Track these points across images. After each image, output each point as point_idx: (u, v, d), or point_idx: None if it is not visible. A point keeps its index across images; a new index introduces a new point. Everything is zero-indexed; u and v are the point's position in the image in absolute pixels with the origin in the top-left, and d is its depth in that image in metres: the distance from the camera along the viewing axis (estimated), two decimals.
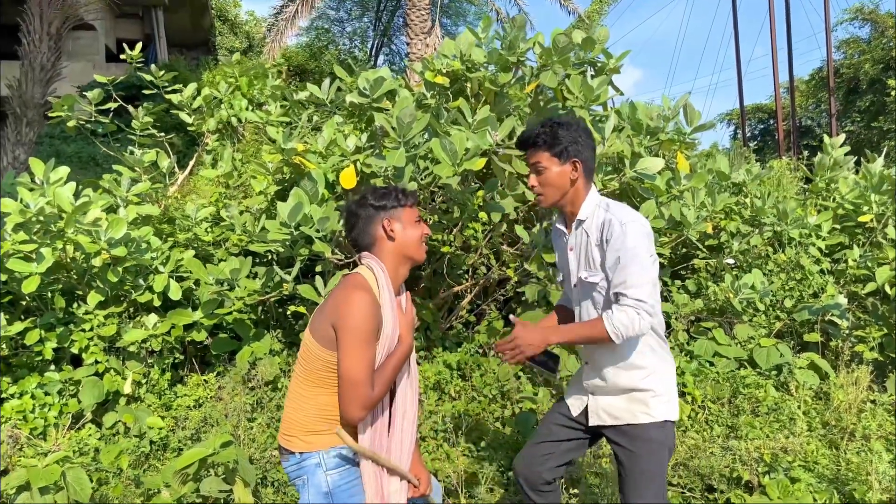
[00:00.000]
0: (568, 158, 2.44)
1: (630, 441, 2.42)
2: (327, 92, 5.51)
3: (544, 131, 2.45)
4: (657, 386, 2.43)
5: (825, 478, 3.55)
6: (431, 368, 4.87)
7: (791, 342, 5.17)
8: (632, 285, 2.25)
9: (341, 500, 2.20)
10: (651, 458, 2.39)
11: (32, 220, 4.09)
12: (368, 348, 2.15)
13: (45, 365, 4.29)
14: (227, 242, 5.31)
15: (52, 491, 3.14)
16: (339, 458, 2.22)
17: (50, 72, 10.23)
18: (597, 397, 2.54)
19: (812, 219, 5.89)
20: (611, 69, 5.24)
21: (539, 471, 2.61)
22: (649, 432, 2.40)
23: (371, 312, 2.15)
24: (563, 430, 2.65)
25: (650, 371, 2.44)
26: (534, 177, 2.51)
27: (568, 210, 2.52)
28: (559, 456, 2.63)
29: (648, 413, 2.41)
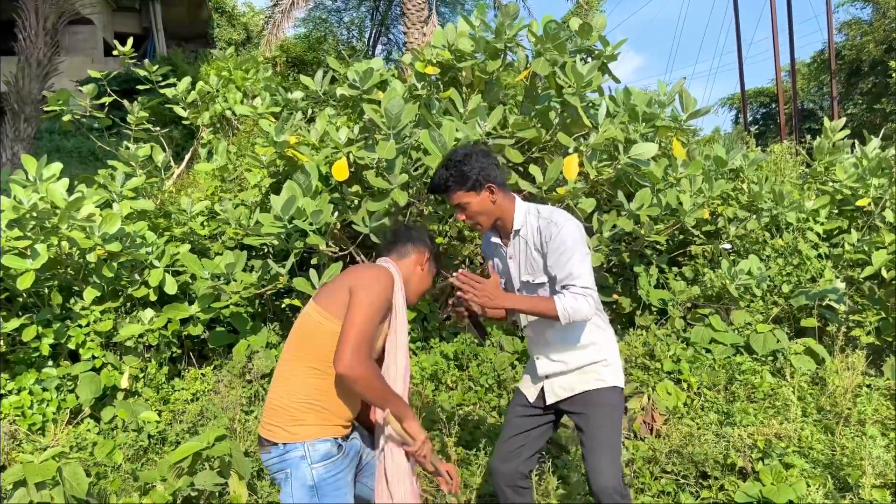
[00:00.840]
0: (482, 187, 2.56)
1: (586, 406, 2.63)
2: (320, 84, 5.49)
3: (450, 174, 2.56)
4: (607, 356, 2.69)
5: (820, 463, 3.55)
6: (428, 359, 4.88)
7: (788, 328, 5.17)
8: (577, 276, 2.48)
9: (326, 493, 2.18)
10: (606, 419, 2.60)
11: (27, 217, 4.09)
12: (377, 315, 2.21)
13: (42, 361, 4.31)
14: (223, 236, 5.31)
15: (49, 486, 3.16)
16: (324, 452, 2.18)
17: (47, 67, 10.23)
18: (552, 379, 2.74)
19: (809, 203, 5.87)
20: (608, 56, 5.21)
21: (515, 465, 2.74)
22: (603, 396, 2.63)
23: (389, 292, 2.27)
24: (527, 420, 2.80)
25: (600, 346, 2.69)
26: (460, 214, 2.64)
27: (500, 224, 2.69)
28: (530, 446, 2.78)
29: (601, 380, 2.65)
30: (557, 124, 4.93)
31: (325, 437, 2.19)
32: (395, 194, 4.05)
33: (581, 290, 2.45)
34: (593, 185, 5.34)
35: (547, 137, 5.01)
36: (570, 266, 2.48)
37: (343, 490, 2.22)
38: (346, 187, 4.74)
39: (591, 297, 2.46)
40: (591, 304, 2.45)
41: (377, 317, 2.21)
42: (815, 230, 5.86)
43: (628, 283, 5.58)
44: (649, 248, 5.72)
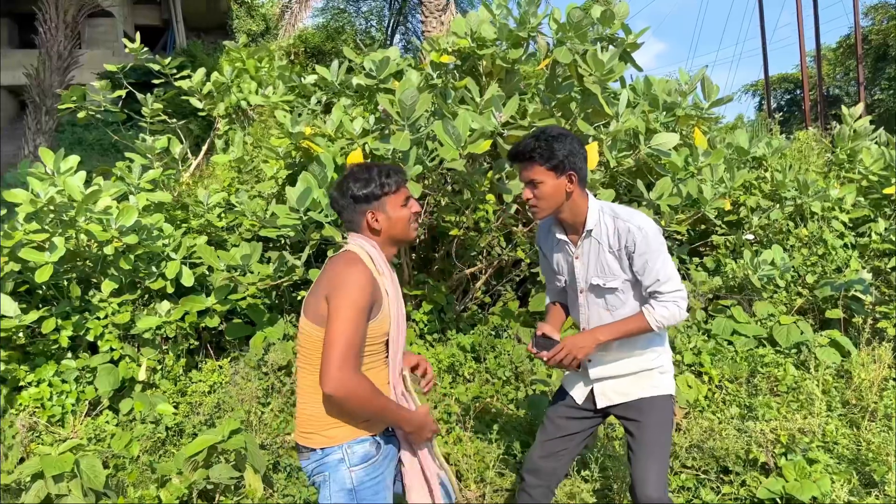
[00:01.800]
0: (564, 171, 2.45)
1: (640, 413, 2.55)
2: (336, 74, 5.46)
3: (540, 145, 2.43)
4: (664, 363, 2.62)
5: (845, 459, 3.47)
6: (445, 351, 4.85)
7: (812, 319, 5.06)
8: (665, 280, 2.44)
9: (366, 498, 2.12)
10: (659, 428, 2.54)
11: (45, 210, 4.11)
12: (358, 321, 2.05)
13: (62, 353, 4.33)
14: (240, 228, 5.31)
15: (67, 479, 3.17)
16: (363, 454, 2.13)
17: (67, 60, 10.29)
18: (603, 382, 2.63)
19: (835, 191, 5.74)
20: (630, 44, 5.12)
21: (555, 465, 2.69)
22: (657, 404, 2.56)
23: (367, 287, 2.08)
24: (573, 423, 2.70)
25: (659, 352, 2.62)
26: (528, 190, 2.50)
27: (568, 220, 2.56)
28: (573, 450, 2.72)
29: (657, 387, 2.57)
30: (578, 113, 4.86)
31: (363, 437, 2.14)
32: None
33: (671, 297, 2.44)
34: (613, 175, 5.26)
35: (567, 127, 4.94)
36: (657, 272, 2.44)
37: (382, 494, 2.15)
38: None
39: (681, 299, 2.45)
40: (681, 306, 2.45)
41: (359, 319, 2.07)
42: (840, 219, 5.74)
43: None
44: (670, 238, 5.64)
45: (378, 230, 2.24)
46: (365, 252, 2.21)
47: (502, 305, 5.39)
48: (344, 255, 2.20)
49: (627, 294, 2.55)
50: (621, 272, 2.51)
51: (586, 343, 2.49)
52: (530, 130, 4.60)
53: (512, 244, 5.12)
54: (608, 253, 2.51)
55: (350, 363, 2.02)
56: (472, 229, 5.13)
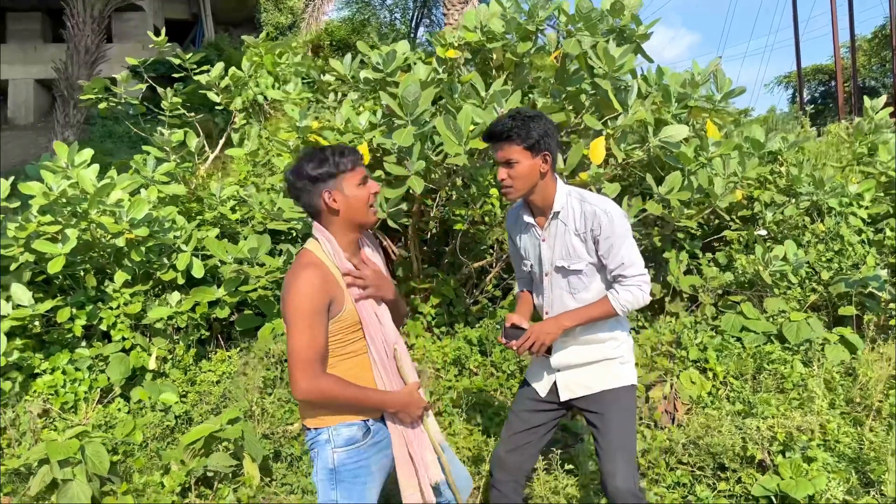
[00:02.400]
0: (539, 152, 2.47)
1: (603, 406, 2.57)
2: (349, 67, 5.49)
3: (517, 125, 2.44)
4: (625, 353, 2.64)
5: (845, 457, 3.43)
6: (452, 344, 4.88)
7: (827, 316, 4.99)
8: (630, 264, 2.48)
9: (345, 479, 2.19)
10: (623, 420, 2.57)
11: (58, 202, 4.22)
12: (309, 328, 2.09)
13: (76, 341, 4.45)
14: (252, 221, 5.39)
15: (72, 464, 3.27)
16: (348, 437, 2.20)
17: (95, 54, 10.53)
18: (565, 373, 2.64)
19: (853, 187, 5.64)
20: (640, 36, 5.08)
21: (521, 459, 2.70)
22: (620, 396, 2.59)
23: (314, 291, 2.09)
24: (536, 416, 2.70)
25: (620, 341, 2.64)
26: (503, 170, 2.51)
27: (538, 202, 2.58)
28: (537, 442, 2.72)
29: (619, 378, 2.60)
30: (588, 107, 4.84)
31: (351, 421, 2.21)
32: (412, 181, 4.03)
33: (635, 280, 2.48)
34: (623, 169, 5.23)
35: (577, 120, 4.92)
36: (622, 255, 2.48)
37: (363, 479, 2.21)
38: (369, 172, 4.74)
39: (644, 283, 2.49)
40: (644, 290, 2.49)
41: (310, 326, 2.10)
42: (859, 215, 5.63)
43: (660, 269, 5.47)
44: (682, 233, 5.59)
45: (336, 210, 2.22)
46: (321, 247, 2.22)
47: (512, 299, 5.40)
48: (298, 256, 2.24)
49: (591, 278, 2.58)
50: (586, 255, 2.54)
51: (552, 329, 2.52)
52: None
53: None
54: (574, 235, 2.54)
55: (310, 370, 2.09)
56: (479, 223, 5.15)
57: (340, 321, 2.18)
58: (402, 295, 5.21)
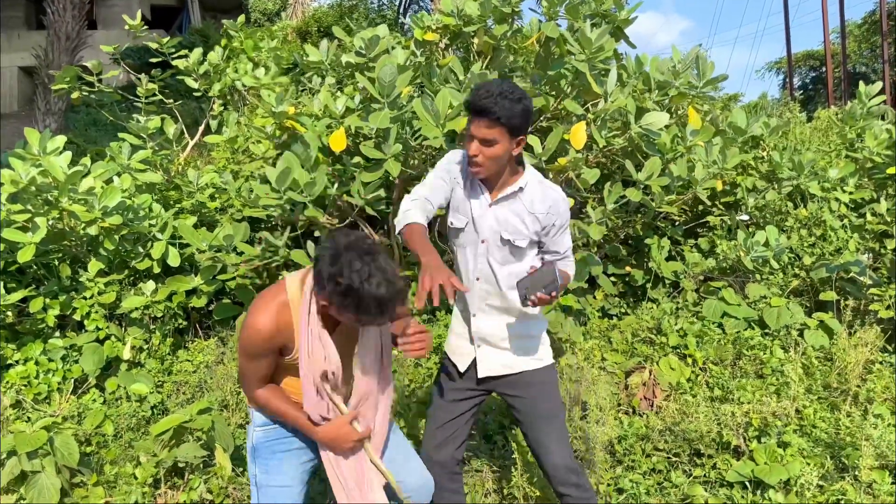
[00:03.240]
0: (518, 134, 2.40)
1: (525, 388, 2.59)
2: (326, 53, 5.43)
3: (508, 107, 2.30)
4: (542, 333, 2.67)
5: (821, 442, 3.42)
6: (434, 331, 4.84)
7: (808, 301, 4.97)
8: (570, 246, 2.67)
9: (262, 455, 2.34)
10: (549, 398, 2.59)
11: (30, 191, 4.14)
12: (250, 362, 2.20)
13: (49, 332, 4.39)
14: (232, 209, 5.33)
15: (41, 456, 3.22)
16: (265, 416, 2.33)
17: (75, 40, 10.37)
18: (486, 349, 2.60)
19: (834, 171, 5.62)
20: (622, 21, 5.03)
21: (450, 451, 2.66)
22: (543, 375, 2.61)
23: (263, 338, 2.11)
24: (460, 404, 2.67)
25: (538, 319, 2.67)
26: (477, 146, 2.38)
27: (496, 177, 2.51)
28: (462, 431, 2.69)
29: (540, 359, 2.63)
30: (569, 92, 4.79)
31: None
32: (389, 164, 3.99)
33: (573, 258, 2.70)
34: (605, 156, 5.19)
35: (557, 105, 4.88)
36: (566, 237, 2.63)
37: (279, 454, 2.33)
38: (347, 158, 4.69)
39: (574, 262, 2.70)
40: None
41: (250, 361, 2.20)
42: (842, 200, 5.62)
43: (642, 255, 5.44)
44: (665, 219, 5.56)
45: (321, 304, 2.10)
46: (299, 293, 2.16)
47: None
48: (276, 286, 2.21)
49: (526, 252, 2.57)
50: (531, 233, 2.53)
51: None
52: None
53: None
54: (528, 213, 2.51)
55: (250, 388, 2.27)
56: None
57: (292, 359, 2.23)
58: None
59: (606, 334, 4.72)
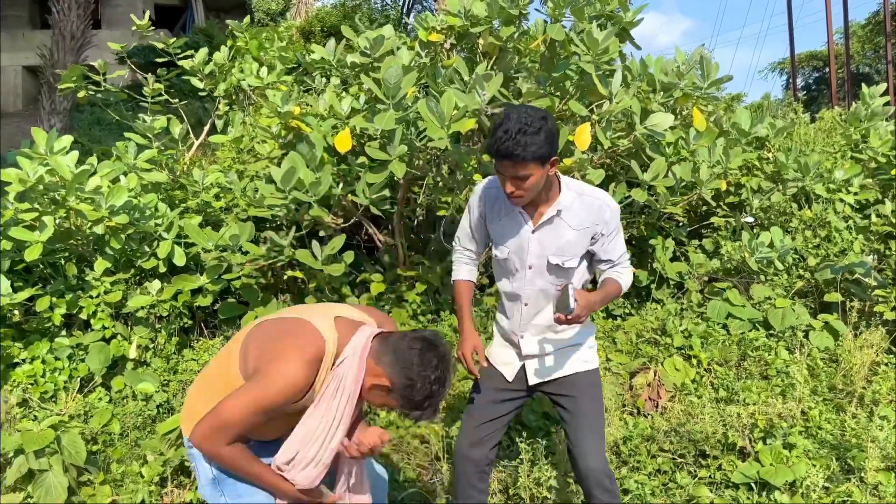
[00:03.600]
0: (548, 159, 2.35)
1: (573, 388, 2.61)
2: (333, 53, 5.44)
3: (532, 143, 2.25)
4: (590, 338, 2.70)
5: (827, 444, 3.42)
6: (438, 331, 4.85)
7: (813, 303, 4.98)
8: (623, 252, 2.62)
9: (228, 482, 2.11)
10: (593, 401, 2.62)
11: (36, 189, 4.16)
12: (257, 414, 1.97)
13: (55, 330, 4.41)
14: (237, 208, 5.34)
15: (48, 454, 3.24)
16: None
17: (80, 40, 10.40)
18: (535, 360, 2.65)
19: (839, 173, 5.62)
20: (628, 22, 5.04)
21: (485, 451, 2.68)
22: (591, 377, 2.64)
23: (290, 392, 1.96)
24: (503, 405, 2.68)
25: (586, 326, 2.68)
26: (514, 183, 2.34)
27: (543, 200, 2.50)
28: (498, 433, 2.71)
29: (587, 362, 2.65)
30: (574, 93, 4.79)
31: None
32: (394, 166, 3.99)
33: (629, 265, 2.66)
34: (610, 157, 5.20)
35: (562, 107, 4.88)
36: (618, 244, 2.59)
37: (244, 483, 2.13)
38: (352, 158, 4.70)
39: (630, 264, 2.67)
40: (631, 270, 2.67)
41: (259, 413, 1.97)
42: (846, 201, 5.62)
43: (645, 256, 5.45)
44: (669, 220, 5.57)
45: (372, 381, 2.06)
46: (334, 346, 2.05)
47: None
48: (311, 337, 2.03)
49: (577, 269, 2.58)
50: (580, 249, 2.53)
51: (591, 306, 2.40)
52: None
53: None
54: (572, 230, 2.49)
55: (222, 439, 1.99)
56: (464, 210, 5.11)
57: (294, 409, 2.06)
58: (388, 283, 5.20)
59: (611, 335, 4.73)
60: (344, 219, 4.84)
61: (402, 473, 3.57)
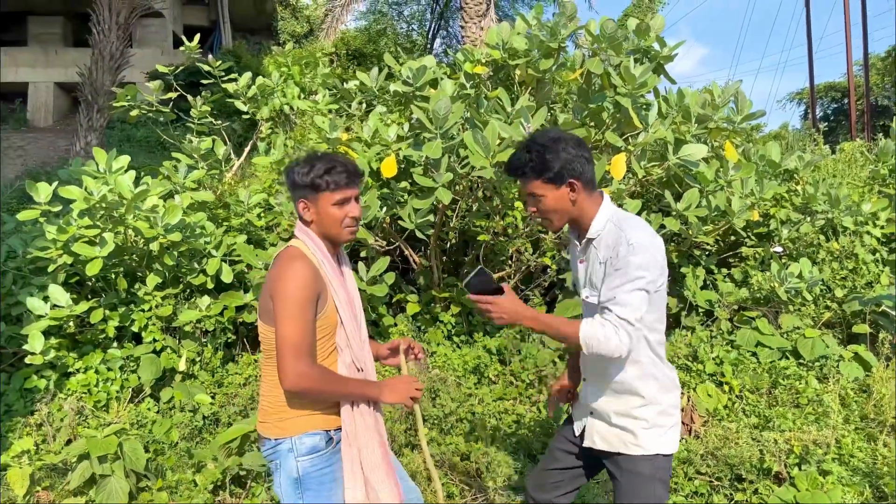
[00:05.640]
0: (564, 181, 2.23)
1: (619, 471, 2.35)
2: (376, 80, 5.64)
3: (531, 158, 2.24)
4: (652, 417, 2.30)
5: (859, 471, 3.52)
6: (471, 353, 4.99)
7: (840, 333, 5.08)
8: (619, 303, 2.12)
9: (310, 487, 2.20)
10: (637, 493, 2.30)
11: (96, 207, 4.36)
12: (303, 316, 2.11)
13: (108, 342, 4.58)
14: (278, 227, 5.52)
15: (110, 460, 3.39)
16: (311, 445, 2.21)
17: (119, 60, 10.69)
18: (593, 419, 2.44)
19: (867, 206, 5.74)
20: (664, 57, 5.21)
21: (550, 497, 2.57)
22: (637, 465, 2.31)
23: (307, 281, 2.13)
24: (569, 457, 2.55)
25: (648, 401, 2.31)
26: (531, 203, 2.34)
27: (580, 226, 2.35)
28: (568, 482, 2.57)
29: (638, 444, 2.30)
30: (610, 124, 4.96)
31: (314, 431, 2.22)
32: (440, 192, 4.16)
33: (615, 320, 2.11)
34: (643, 185, 5.34)
35: (598, 137, 5.05)
36: (618, 290, 2.13)
37: (328, 485, 2.22)
38: (395, 183, 4.87)
39: (624, 330, 2.09)
40: (623, 339, 2.09)
41: (304, 314, 2.12)
42: (873, 234, 5.73)
43: (676, 284, 5.57)
44: (698, 248, 5.69)
45: (308, 221, 2.28)
46: (305, 244, 2.27)
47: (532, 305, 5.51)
48: (286, 250, 2.26)
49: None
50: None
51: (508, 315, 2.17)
52: None
53: (540, 251, 5.23)
54: (599, 263, 2.28)
55: (303, 358, 2.10)
56: (500, 235, 5.27)
57: (324, 318, 2.21)
58: (423, 304, 5.35)
59: None
60: (384, 240, 5.00)
61: (446, 488, 3.69)
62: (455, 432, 4.16)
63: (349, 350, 2.28)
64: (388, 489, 2.24)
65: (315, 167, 2.22)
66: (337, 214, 2.24)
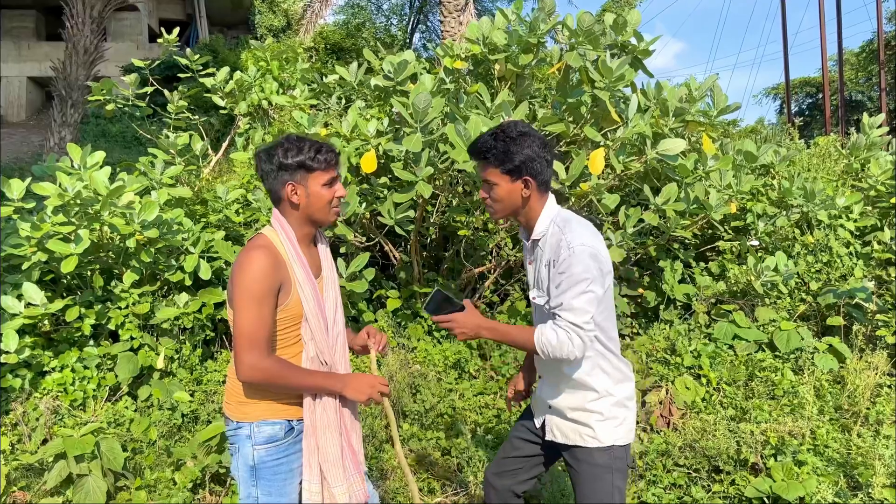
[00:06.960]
0: (520, 176, 2.28)
1: (577, 462, 2.40)
2: (355, 75, 5.61)
3: (496, 146, 2.27)
4: (606, 409, 2.35)
5: (834, 462, 3.57)
6: (452, 347, 4.99)
7: (815, 326, 5.15)
8: (568, 308, 2.19)
9: (264, 476, 2.20)
10: (594, 483, 2.35)
11: (71, 203, 4.30)
12: (258, 307, 2.08)
13: (84, 340, 4.52)
14: (256, 224, 5.48)
15: (87, 459, 3.35)
16: (269, 434, 2.19)
17: (93, 54, 10.51)
18: (551, 414, 2.48)
19: (841, 200, 5.82)
20: (641, 52, 5.23)
21: (509, 483, 2.61)
22: (594, 456, 2.35)
23: (266, 271, 2.09)
24: (528, 445, 2.60)
25: (601, 394, 2.36)
26: (484, 189, 2.38)
27: (524, 224, 2.42)
28: (527, 470, 2.62)
29: (594, 437, 2.34)
30: (588, 118, 4.98)
31: (273, 419, 2.19)
32: (420, 186, 4.15)
33: (566, 325, 2.18)
34: (621, 180, 5.38)
35: (576, 131, 5.06)
36: (566, 296, 2.19)
37: (282, 476, 2.22)
38: (374, 179, 4.86)
39: (577, 335, 2.17)
40: (576, 342, 2.17)
41: (259, 306, 2.09)
42: (847, 227, 5.82)
43: (654, 278, 5.62)
44: (676, 242, 5.74)
45: (297, 205, 2.22)
46: (276, 233, 2.23)
47: (510, 304, 5.53)
48: (253, 238, 2.23)
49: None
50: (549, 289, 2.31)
51: (469, 329, 2.28)
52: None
53: (519, 245, 5.24)
54: (544, 265, 2.32)
55: (255, 351, 2.08)
56: (481, 230, 5.27)
57: (286, 310, 2.18)
58: (403, 299, 5.35)
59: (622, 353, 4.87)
60: (363, 236, 4.99)
61: (427, 483, 3.69)
62: (436, 427, 4.17)
63: (313, 343, 2.23)
64: (343, 489, 2.21)
65: (303, 148, 2.19)
66: (326, 195, 2.22)
